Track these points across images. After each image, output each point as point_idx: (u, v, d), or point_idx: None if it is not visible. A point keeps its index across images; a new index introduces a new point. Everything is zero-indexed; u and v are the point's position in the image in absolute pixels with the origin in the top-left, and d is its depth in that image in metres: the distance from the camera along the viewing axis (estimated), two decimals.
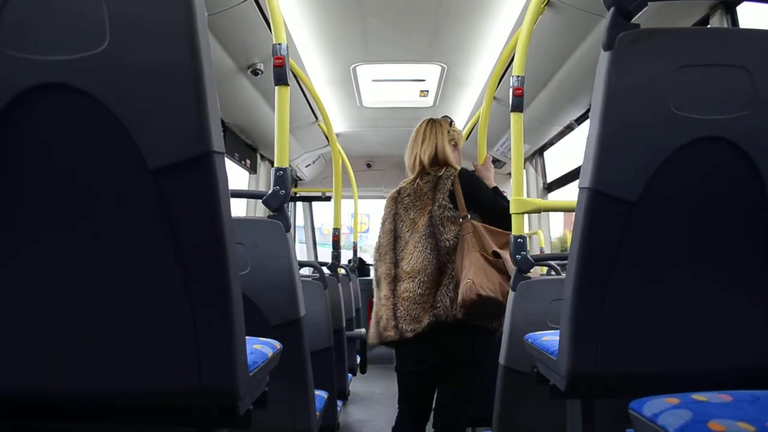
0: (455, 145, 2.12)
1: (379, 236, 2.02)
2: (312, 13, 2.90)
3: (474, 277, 1.75)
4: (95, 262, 0.88)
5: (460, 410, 1.90)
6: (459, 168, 2.01)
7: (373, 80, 3.91)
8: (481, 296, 1.72)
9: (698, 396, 0.81)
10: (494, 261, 1.79)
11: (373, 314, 1.97)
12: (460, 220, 1.87)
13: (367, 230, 6.34)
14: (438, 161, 2.03)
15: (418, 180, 1.98)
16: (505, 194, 2.11)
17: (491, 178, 2.19)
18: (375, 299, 1.98)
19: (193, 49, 0.82)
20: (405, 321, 1.84)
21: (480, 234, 1.83)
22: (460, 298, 1.77)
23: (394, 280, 1.92)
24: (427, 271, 1.84)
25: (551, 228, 4.71)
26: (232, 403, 0.95)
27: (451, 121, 2.15)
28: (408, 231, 1.92)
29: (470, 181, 1.95)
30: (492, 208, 1.93)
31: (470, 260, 1.79)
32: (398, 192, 2.02)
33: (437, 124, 2.10)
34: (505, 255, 1.80)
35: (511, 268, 1.78)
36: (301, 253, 6.35)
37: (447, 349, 1.86)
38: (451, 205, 1.89)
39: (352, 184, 4.68)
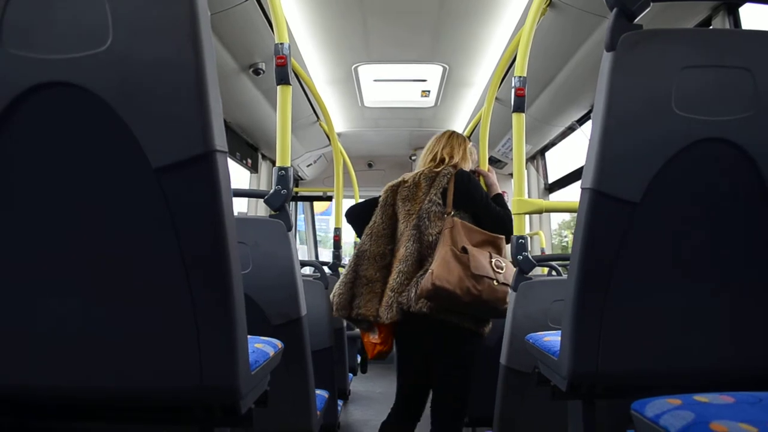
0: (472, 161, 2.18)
1: (375, 216, 2.04)
2: (314, 13, 2.90)
3: (435, 268, 1.78)
4: (97, 260, 0.88)
5: (449, 410, 1.90)
6: (458, 169, 2.02)
7: (375, 80, 3.91)
8: (435, 286, 1.75)
9: (700, 397, 0.81)
10: (459, 255, 1.81)
11: (343, 284, 1.96)
12: (444, 216, 1.88)
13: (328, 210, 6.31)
14: (448, 161, 2.06)
15: (420, 175, 2.00)
16: (506, 194, 2.11)
17: (497, 184, 2.20)
18: (350, 271, 1.98)
19: (195, 48, 0.82)
20: (385, 308, 1.88)
21: (457, 230, 1.86)
22: (419, 287, 1.80)
23: (388, 266, 1.96)
24: (408, 261, 1.89)
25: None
26: (234, 401, 0.95)
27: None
28: (403, 222, 1.97)
29: (467, 181, 1.97)
30: (485, 210, 1.97)
31: (440, 253, 1.83)
32: (400, 183, 2.06)
33: (462, 137, 2.16)
34: (473, 252, 1.82)
35: (475, 265, 1.79)
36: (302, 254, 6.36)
37: (422, 342, 1.90)
38: (440, 201, 1.93)
39: (354, 184, 4.68)
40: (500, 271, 1.84)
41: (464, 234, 1.86)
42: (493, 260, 1.85)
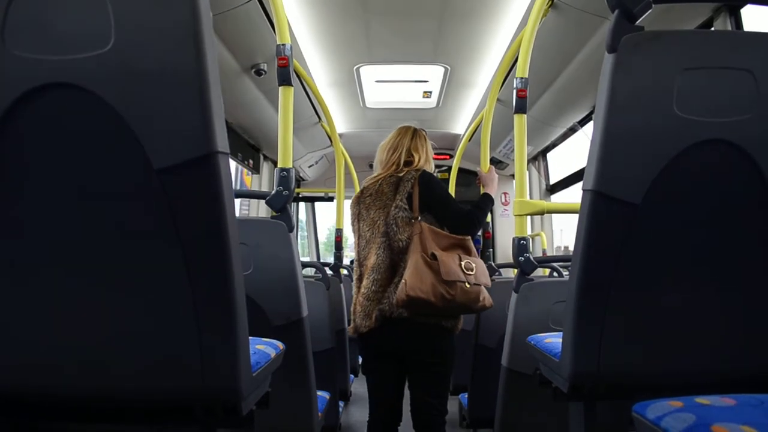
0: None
1: (355, 244, 2.08)
2: (316, 14, 2.91)
3: (408, 277, 1.80)
4: (100, 261, 0.89)
5: (432, 408, 1.90)
6: (421, 170, 2.01)
7: (377, 81, 3.91)
8: (410, 296, 1.77)
9: (702, 399, 0.81)
10: (430, 262, 1.82)
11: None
12: (412, 221, 1.89)
13: None
14: (412, 163, 2.06)
15: (381, 180, 2.00)
16: (507, 195, 2.11)
17: (494, 186, 2.18)
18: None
19: (197, 49, 0.82)
20: (360, 317, 1.90)
21: (425, 236, 1.87)
22: (395, 296, 1.82)
23: (359, 279, 1.97)
24: (381, 269, 1.89)
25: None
26: (235, 402, 0.95)
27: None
28: (369, 230, 1.97)
29: (428, 182, 1.97)
30: (444, 209, 1.95)
31: (411, 261, 1.84)
32: (361, 192, 2.07)
33: (425, 136, 2.15)
34: (443, 257, 1.83)
35: (446, 271, 1.79)
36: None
37: (400, 341, 1.90)
38: (406, 206, 1.93)
39: (355, 185, 4.68)
40: (470, 272, 1.83)
41: (432, 239, 1.86)
42: (463, 263, 1.85)
